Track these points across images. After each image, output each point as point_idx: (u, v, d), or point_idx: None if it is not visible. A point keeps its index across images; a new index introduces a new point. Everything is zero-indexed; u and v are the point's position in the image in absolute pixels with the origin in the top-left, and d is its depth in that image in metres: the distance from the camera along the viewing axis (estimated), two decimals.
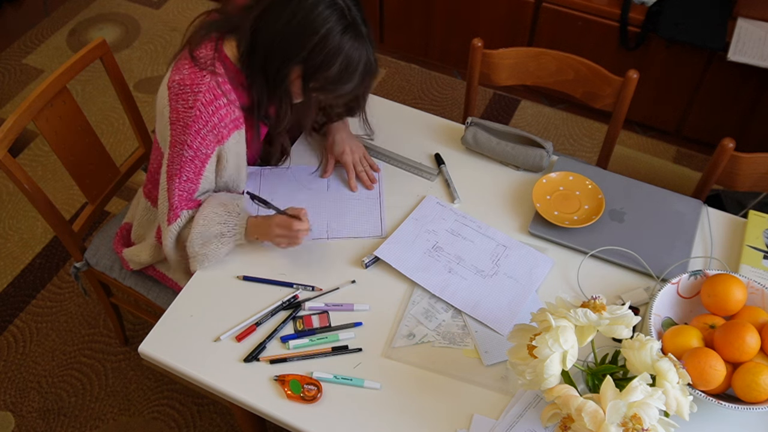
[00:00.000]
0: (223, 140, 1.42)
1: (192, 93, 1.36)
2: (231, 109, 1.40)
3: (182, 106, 1.37)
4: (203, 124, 1.38)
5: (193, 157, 1.41)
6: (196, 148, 1.40)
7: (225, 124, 1.40)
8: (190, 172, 1.42)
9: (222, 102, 1.38)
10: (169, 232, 1.47)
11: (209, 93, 1.37)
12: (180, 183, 1.43)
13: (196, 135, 1.38)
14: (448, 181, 1.61)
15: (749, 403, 1.19)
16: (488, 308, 1.39)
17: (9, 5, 3.34)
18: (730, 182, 1.69)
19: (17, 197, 2.60)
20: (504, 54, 1.83)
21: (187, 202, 1.45)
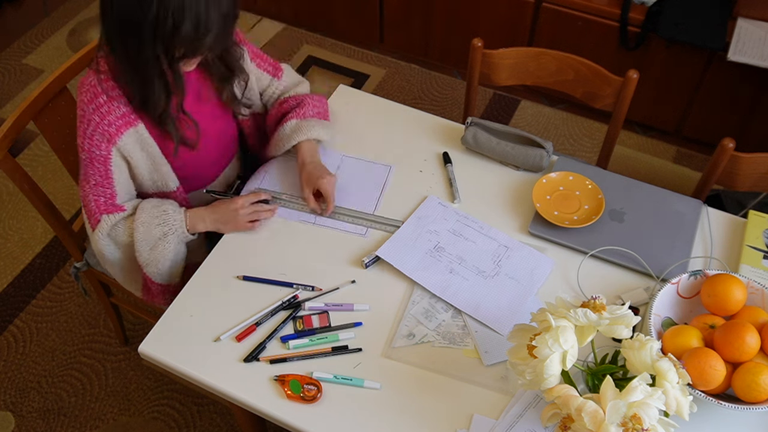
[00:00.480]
0: (114, 139, 1.39)
1: (79, 94, 1.38)
2: (113, 106, 1.37)
3: (77, 109, 1.40)
4: (87, 123, 1.37)
5: (90, 159, 1.41)
6: (88, 150, 1.40)
7: (109, 122, 1.37)
8: (95, 175, 1.42)
9: (102, 99, 1.36)
10: (95, 237, 1.48)
11: (89, 92, 1.37)
12: (90, 188, 1.44)
13: (84, 136, 1.39)
14: (451, 180, 1.61)
15: (749, 403, 1.19)
16: (489, 309, 1.39)
17: (9, 5, 3.34)
18: (730, 182, 1.69)
19: (17, 197, 2.60)
20: (504, 54, 1.83)
21: (106, 206, 1.45)
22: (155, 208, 1.47)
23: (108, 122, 1.38)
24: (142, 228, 1.46)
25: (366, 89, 2.95)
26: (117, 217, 1.47)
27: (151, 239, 1.46)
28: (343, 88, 1.85)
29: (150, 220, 1.46)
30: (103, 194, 1.45)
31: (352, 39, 3.14)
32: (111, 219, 1.46)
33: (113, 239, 1.49)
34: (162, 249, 1.47)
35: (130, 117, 1.40)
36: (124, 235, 1.48)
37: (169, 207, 1.49)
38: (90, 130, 1.38)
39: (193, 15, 1.23)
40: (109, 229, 1.47)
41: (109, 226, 1.47)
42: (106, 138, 1.39)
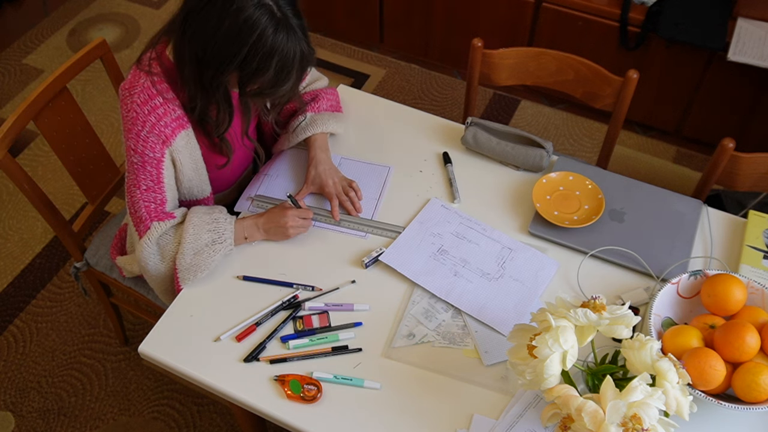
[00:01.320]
0: (169, 141, 1.38)
1: (129, 96, 1.35)
2: (169, 108, 1.37)
3: (125, 111, 1.37)
4: (142, 125, 1.35)
5: (142, 163, 1.38)
6: (141, 152, 1.37)
7: (165, 124, 1.37)
8: (147, 180, 1.40)
9: (158, 101, 1.35)
10: (142, 245, 1.43)
11: (143, 93, 1.35)
12: (141, 193, 1.41)
13: (138, 138, 1.36)
14: (452, 180, 1.61)
15: (749, 403, 1.19)
16: (495, 311, 1.39)
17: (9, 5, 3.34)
18: (730, 182, 1.69)
19: (17, 197, 2.60)
20: (504, 54, 1.83)
21: (157, 214, 1.42)
22: (207, 214, 1.45)
23: (164, 124, 1.37)
24: (192, 230, 1.42)
25: (366, 89, 2.95)
26: (167, 225, 1.43)
27: (199, 244, 1.42)
28: (343, 88, 1.85)
29: (201, 224, 1.43)
30: (153, 200, 1.42)
31: (352, 39, 3.14)
32: (162, 226, 1.42)
33: (160, 247, 1.44)
34: (207, 256, 1.42)
35: (183, 120, 1.40)
36: (172, 243, 1.44)
37: (220, 215, 1.46)
38: (145, 132, 1.36)
39: (279, 65, 1.26)
40: (158, 237, 1.43)
41: (159, 233, 1.43)
42: (161, 139, 1.37)
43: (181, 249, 1.41)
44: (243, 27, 1.22)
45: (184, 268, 1.42)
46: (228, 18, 1.22)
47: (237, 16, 1.21)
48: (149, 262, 1.45)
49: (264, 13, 1.22)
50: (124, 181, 1.89)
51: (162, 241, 1.44)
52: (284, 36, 1.24)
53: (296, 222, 1.49)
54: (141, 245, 1.43)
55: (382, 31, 2.99)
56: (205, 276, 1.44)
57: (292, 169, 1.66)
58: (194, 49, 1.28)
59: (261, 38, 1.22)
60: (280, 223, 1.48)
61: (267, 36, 1.23)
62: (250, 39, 1.22)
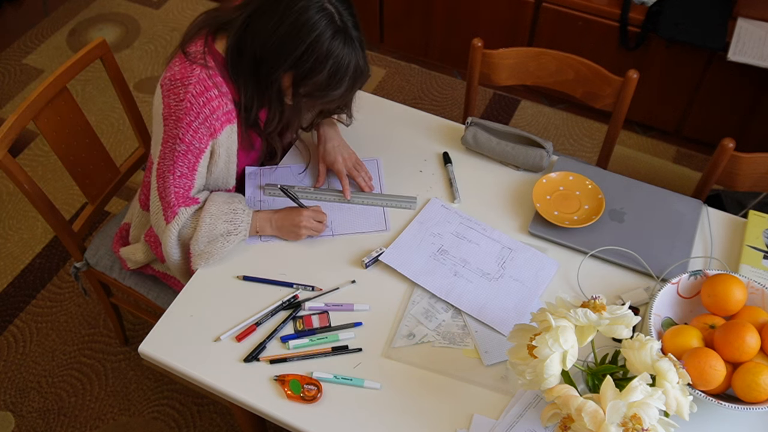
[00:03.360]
0: (216, 133, 1.41)
1: (183, 86, 1.36)
2: (223, 101, 1.39)
3: (174, 101, 1.37)
4: (195, 116, 1.37)
5: (185, 152, 1.40)
6: (188, 142, 1.39)
7: (217, 117, 1.39)
8: (183, 167, 1.42)
9: (213, 93, 1.37)
10: (169, 231, 1.46)
11: (199, 84, 1.36)
12: (174, 179, 1.42)
13: (188, 128, 1.37)
14: (452, 180, 1.61)
15: (749, 403, 1.19)
16: (495, 311, 1.39)
17: (9, 5, 3.34)
18: (730, 182, 1.69)
19: (17, 197, 2.60)
20: (504, 54, 1.83)
21: (184, 199, 1.44)
22: (226, 203, 1.46)
23: (216, 117, 1.39)
24: (209, 219, 1.44)
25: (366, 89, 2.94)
26: (191, 210, 1.46)
27: (214, 233, 1.44)
28: None
29: (219, 214, 1.45)
30: (183, 186, 1.43)
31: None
32: (187, 212, 1.45)
33: (181, 233, 1.47)
34: (220, 246, 1.45)
35: (231, 114, 1.42)
36: (189, 228, 1.46)
37: (239, 206, 1.47)
38: (197, 123, 1.37)
39: (333, 69, 1.30)
40: (183, 222, 1.46)
41: (184, 218, 1.45)
42: (210, 131, 1.40)
43: (196, 235, 1.44)
44: (303, 27, 1.27)
45: (196, 253, 1.45)
46: (290, 17, 1.27)
47: (299, 16, 1.27)
48: (173, 248, 1.48)
49: (325, 17, 1.28)
50: (124, 181, 1.90)
51: (184, 226, 1.47)
52: (341, 42, 1.29)
53: (310, 223, 1.49)
54: (168, 231, 1.45)
55: (382, 31, 2.99)
56: (216, 262, 1.47)
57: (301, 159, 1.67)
58: (254, 46, 1.32)
59: (318, 40, 1.28)
60: (294, 221, 1.49)
61: (325, 38, 1.28)
62: (308, 39, 1.27)
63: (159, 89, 1.40)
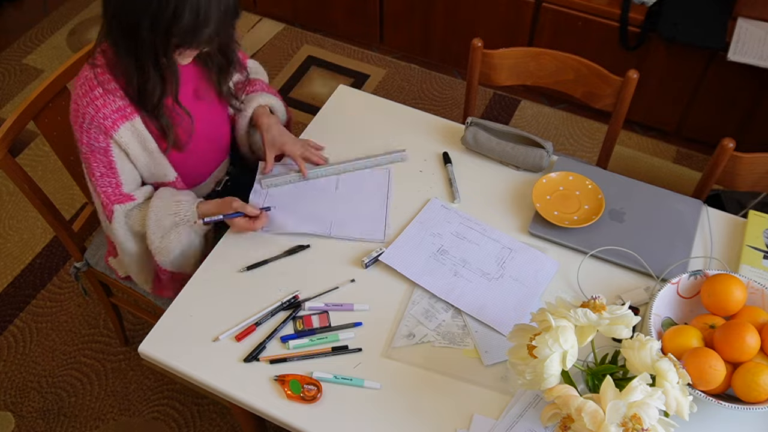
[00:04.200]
0: (110, 131, 1.40)
1: (73, 90, 1.40)
2: (109, 99, 1.38)
3: (71, 106, 1.40)
4: (82, 117, 1.38)
5: (91, 152, 1.42)
6: (87, 143, 1.41)
7: (104, 115, 1.38)
8: (99, 167, 1.44)
9: (97, 92, 1.37)
10: (113, 228, 1.49)
11: (84, 85, 1.38)
12: (97, 180, 1.45)
13: (80, 130, 1.40)
14: (452, 180, 1.61)
15: (749, 403, 1.19)
16: (495, 311, 1.39)
17: (9, 5, 3.34)
18: (730, 182, 1.69)
19: (17, 197, 2.60)
20: (504, 54, 1.83)
21: (116, 197, 1.46)
22: (171, 197, 1.49)
23: (103, 115, 1.38)
24: (153, 216, 1.47)
25: (366, 89, 2.95)
26: (129, 206, 1.49)
27: (163, 228, 1.47)
28: (343, 88, 1.85)
29: (163, 209, 1.47)
30: (109, 185, 1.45)
31: (352, 39, 3.14)
32: (123, 208, 1.48)
33: (129, 227, 1.50)
34: (174, 237, 1.48)
35: (126, 111, 1.41)
36: (137, 225, 1.49)
37: (183, 197, 1.50)
38: (86, 124, 1.39)
39: (194, 6, 1.25)
40: (124, 218, 1.48)
41: (122, 214, 1.48)
42: (102, 131, 1.40)
43: (148, 234, 1.47)
44: None
45: (156, 251, 1.49)
46: None
47: None
48: (124, 243, 1.51)
49: None
50: None
51: (129, 222, 1.49)
52: None
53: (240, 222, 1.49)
54: (112, 228, 1.49)
55: (382, 31, 2.99)
56: (179, 254, 1.50)
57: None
58: (117, 23, 1.29)
59: None
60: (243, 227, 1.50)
61: None
62: None
63: None
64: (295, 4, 3.12)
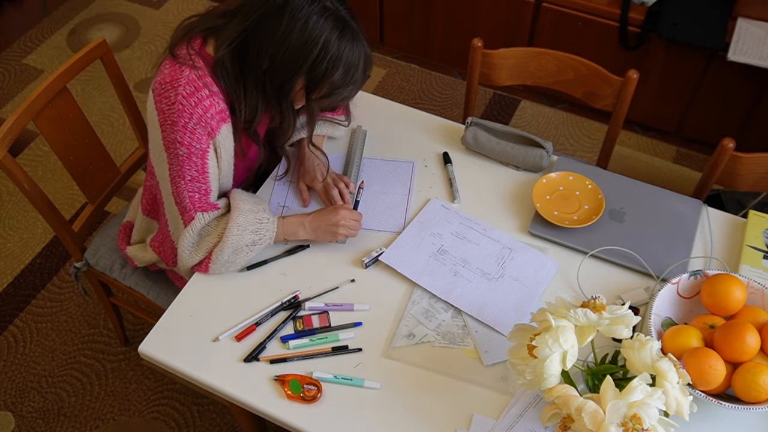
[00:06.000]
0: (215, 132, 1.39)
1: (173, 89, 1.35)
2: (215, 101, 1.38)
3: (166, 105, 1.36)
4: (188, 117, 1.35)
5: (188, 155, 1.38)
6: (188, 144, 1.37)
7: (212, 115, 1.38)
8: (191, 170, 1.40)
9: (204, 93, 1.36)
10: (185, 235, 1.43)
11: (189, 85, 1.35)
12: (186, 184, 1.41)
13: (184, 130, 1.36)
14: (452, 180, 1.61)
15: (749, 403, 1.19)
16: (495, 311, 1.39)
17: (9, 5, 3.34)
18: (730, 182, 1.69)
19: (17, 197, 2.60)
20: (504, 54, 1.83)
21: (201, 204, 1.43)
22: (252, 213, 1.44)
23: (210, 115, 1.37)
24: (236, 231, 1.42)
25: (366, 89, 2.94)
26: (211, 216, 1.44)
27: (240, 244, 1.43)
28: None
29: (246, 225, 1.43)
30: (198, 190, 1.42)
31: None
32: (205, 217, 1.44)
33: (201, 238, 1.45)
34: (244, 255, 1.44)
35: (225, 113, 1.41)
36: (213, 236, 1.44)
37: (264, 216, 1.46)
38: (192, 123, 1.36)
39: (346, 67, 1.31)
40: (201, 228, 1.44)
41: (202, 224, 1.43)
42: (207, 131, 1.38)
43: (222, 245, 1.42)
44: (312, 31, 1.27)
45: (220, 262, 1.43)
46: (296, 24, 1.27)
47: (306, 22, 1.27)
48: (185, 251, 1.45)
49: (329, 17, 1.28)
50: (124, 181, 1.90)
51: (203, 232, 1.45)
52: (348, 39, 1.30)
53: (348, 222, 1.48)
54: (184, 235, 1.43)
55: (382, 31, 2.99)
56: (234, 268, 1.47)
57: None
58: (260, 58, 1.32)
59: (329, 42, 1.28)
60: (331, 221, 1.47)
61: (333, 39, 1.29)
62: (319, 43, 1.28)
63: (151, 95, 1.39)
64: None
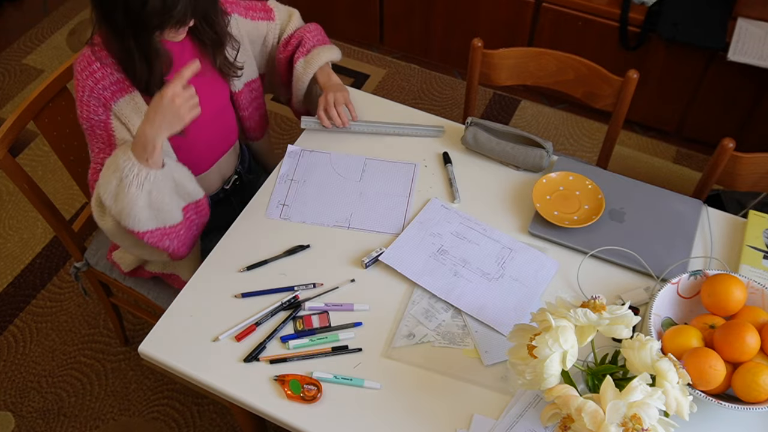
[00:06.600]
0: (109, 103, 1.41)
1: (74, 67, 1.42)
2: (107, 71, 1.40)
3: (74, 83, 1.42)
4: (82, 90, 1.40)
5: (91, 127, 1.42)
6: (86, 117, 1.41)
7: (104, 87, 1.40)
8: (98, 142, 1.43)
9: (95, 66, 1.39)
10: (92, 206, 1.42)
11: (83, 61, 1.40)
12: (95, 155, 1.44)
13: (81, 104, 1.41)
14: (452, 180, 1.61)
15: (749, 403, 1.19)
16: (495, 311, 1.39)
17: (9, 5, 3.34)
18: (730, 182, 1.69)
19: (17, 197, 2.60)
20: (504, 54, 1.83)
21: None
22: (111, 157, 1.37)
23: (102, 87, 1.40)
24: (102, 181, 1.37)
25: (366, 89, 2.95)
26: None
27: (110, 190, 1.35)
28: None
29: (106, 174, 1.36)
30: (102, 162, 1.41)
31: (352, 39, 3.14)
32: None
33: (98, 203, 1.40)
34: (123, 197, 1.34)
35: (125, 84, 1.42)
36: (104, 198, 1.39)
37: (118, 151, 1.35)
38: (85, 97, 1.40)
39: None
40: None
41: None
42: (101, 102, 1.40)
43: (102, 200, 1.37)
44: None
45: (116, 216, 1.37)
46: None
47: None
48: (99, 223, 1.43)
49: None
50: None
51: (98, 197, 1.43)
52: None
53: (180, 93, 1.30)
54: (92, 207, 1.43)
55: (382, 31, 2.99)
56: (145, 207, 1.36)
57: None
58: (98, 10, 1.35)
59: None
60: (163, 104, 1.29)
61: None
62: None
63: None
64: (295, 4, 3.11)
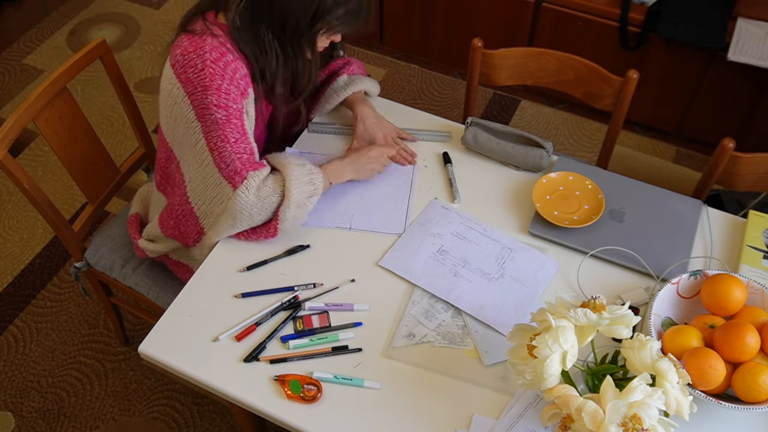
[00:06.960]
0: (246, 93, 1.41)
1: (198, 56, 1.35)
2: (239, 64, 1.39)
3: (193, 73, 1.36)
4: (221, 79, 1.36)
5: (227, 117, 1.39)
6: (225, 106, 1.38)
7: (241, 76, 1.39)
8: (234, 132, 1.40)
9: (229, 57, 1.37)
10: (238, 196, 1.42)
11: (215, 51, 1.36)
12: (231, 146, 1.40)
13: (219, 92, 1.36)
14: (452, 180, 1.61)
15: (749, 403, 1.19)
16: (495, 311, 1.39)
17: (9, 5, 3.34)
18: (730, 182, 1.69)
19: (17, 197, 2.60)
20: (504, 54, 1.83)
21: (251, 164, 1.43)
22: (301, 166, 1.47)
23: (240, 77, 1.39)
24: (296, 185, 1.44)
25: None
26: (262, 173, 1.44)
27: (301, 198, 1.45)
28: None
29: (301, 178, 1.45)
30: (244, 151, 1.42)
31: (352, 39, 3.14)
32: (258, 175, 1.43)
33: (260, 199, 1.44)
34: (305, 209, 1.47)
35: (248, 78, 1.43)
36: (274, 196, 1.44)
37: (311, 166, 1.49)
38: (226, 85, 1.37)
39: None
40: (257, 187, 1.43)
41: (257, 183, 1.43)
42: (240, 91, 1.40)
43: (287, 203, 1.43)
44: None
45: (288, 219, 1.45)
46: None
47: None
48: (244, 212, 1.44)
49: None
50: (124, 181, 1.91)
51: (262, 193, 1.44)
52: None
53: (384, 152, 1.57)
54: (237, 196, 1.42)
55: (382, 31, 2.99)
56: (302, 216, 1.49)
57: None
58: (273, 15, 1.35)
59: None
60: (369, 156, 1.56)
61: None
62: None
63: (170, 70, 1.39)
64: None
